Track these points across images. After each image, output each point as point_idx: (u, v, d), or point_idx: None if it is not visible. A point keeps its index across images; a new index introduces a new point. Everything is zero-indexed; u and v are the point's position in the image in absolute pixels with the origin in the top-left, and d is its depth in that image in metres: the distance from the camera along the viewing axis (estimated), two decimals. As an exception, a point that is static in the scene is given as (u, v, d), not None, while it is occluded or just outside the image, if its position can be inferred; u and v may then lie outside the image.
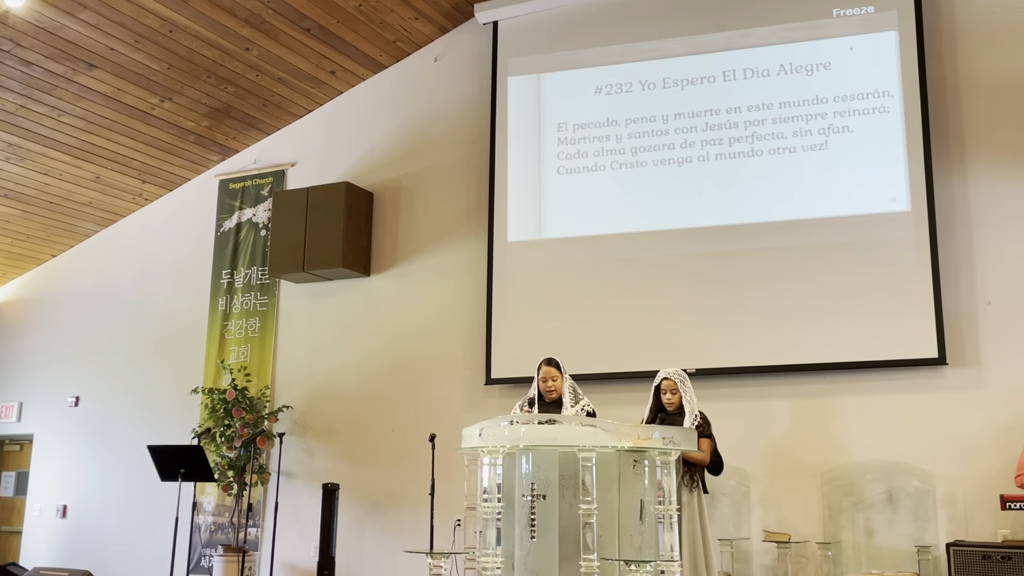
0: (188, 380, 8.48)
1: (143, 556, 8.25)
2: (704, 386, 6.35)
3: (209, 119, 8.31)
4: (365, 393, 7.92)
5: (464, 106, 8.02)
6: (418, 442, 7.30)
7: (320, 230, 7.90)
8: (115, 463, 8.75)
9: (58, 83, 7.39)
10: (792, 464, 6.43)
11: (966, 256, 6.32)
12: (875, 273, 6.40)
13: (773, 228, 6.74)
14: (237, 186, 8.82)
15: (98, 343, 9.17)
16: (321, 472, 7.83)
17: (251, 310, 8.52)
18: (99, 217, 9.24)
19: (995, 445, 5.98)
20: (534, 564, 4.98)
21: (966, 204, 6.38)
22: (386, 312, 7.99)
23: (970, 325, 6.22)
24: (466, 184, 7.90)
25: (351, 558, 7.58)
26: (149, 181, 8.93)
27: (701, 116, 7.10)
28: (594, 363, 6.91)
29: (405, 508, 7.49)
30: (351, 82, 8.44)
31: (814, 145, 6.75)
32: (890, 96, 6.59)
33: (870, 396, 6.35)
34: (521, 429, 5.03)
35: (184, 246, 8.98)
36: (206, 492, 8.24)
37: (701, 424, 5.55)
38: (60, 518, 8.92)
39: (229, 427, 7.87)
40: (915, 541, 6.00)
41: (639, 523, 5.03)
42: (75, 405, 9.13)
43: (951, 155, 6.47)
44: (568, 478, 4.99)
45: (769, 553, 6.26)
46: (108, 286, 9.28)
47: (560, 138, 7.48)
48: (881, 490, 6.22)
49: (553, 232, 7.37)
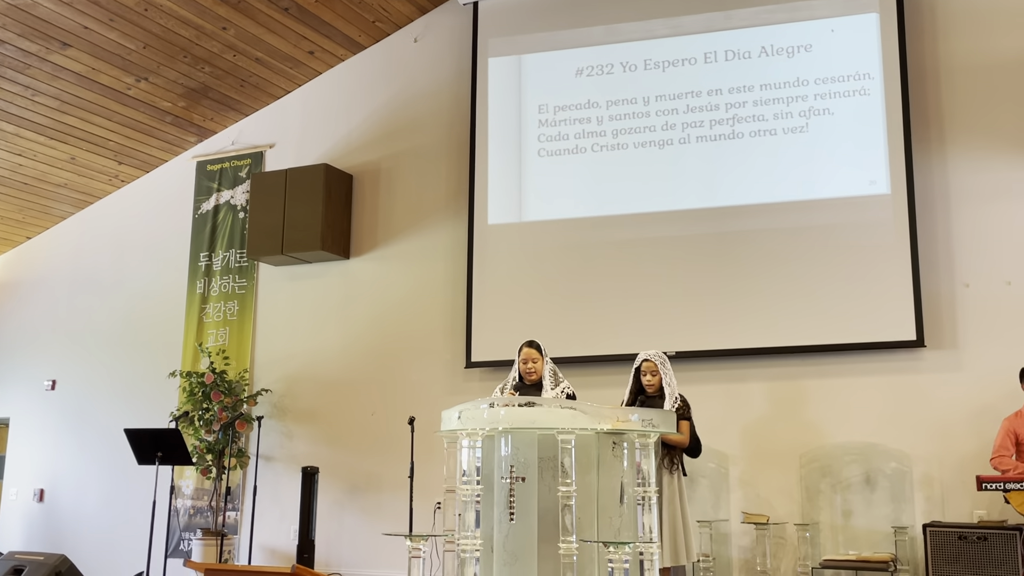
0: (166, 363, 8.42)
1: (121, 540, 8.21)
2: (684, 368, 6.36)
3: (186, 99, 8.22)
4: (345, 376, 7.88)
5: (444, 87, 7.97)
6: (398, 425, 7.29)
7: (299, 212, 7.84)
8: (92, 447, 8.69)
9: (31, 62, 7.28)
10: (771, 446, 6.46)
11: (944, 239, 6.34)
12: (854, 256, 6.42)
13: (753, 211, 6.74)
14: (215, 168, 8.73)
15: (75, 326, 9.09)
16: (300, 455, 7.80)
17: (229, 293, 8.46)
18: (75, 199, 9.14)
19: (972, 427, 6.03)
20: (513, 546, 4.98)
21: (945, 187, 6.40)
22: (366, 295, 7.95)
23: (948, 307, 6.25)
24: (446, 166, 7.85)
25: (331, 541, 7.56)
26: (125, 162, 8.83)
27: (682, 98, 7.08)
28: (574, 346, 6.90)
29: (385, 491, 7.47)
30: (330, 63, 8.37)
31: (795, 128, 6.75)
32: (871, 79, 6.59)
33: (848, 378, 6.38)
34: (500, 412, 5.02)
35: (161, 228, 8.89)
36: (184, 476, 8.19)
37: (681, 406, 5.56)
38: (37, 502, 8.85)
39: (208, 410, 7.82)
40: (892, 522, 6.04)
41: (618, 505, 5.04)
42: (51, 388, 9.05)
43: (931, 138, 6.48)
44: (547, 460, 4.98)
45: (747, 534, 6.29)
46: (85, 268, 9.19)
47: (541, 120, 7.44)
48: (859, 471, 6.25)
49: (533, 215, 7.35)
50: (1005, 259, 6.18)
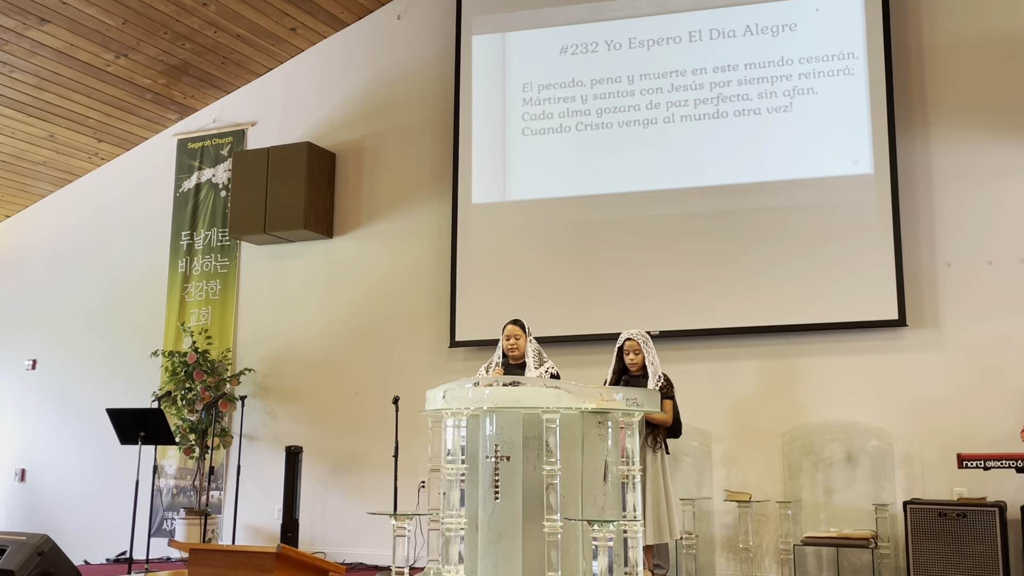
0: (148, 343, 8.37)
1: (103, 520, 8.18)
2: (668, 348, 6.38)
3: (166, 77, 8.13)
4: (328, 356, 7.87)
5: (428, 65, 7.91)
6: (381, 405, 7.28)
7: (281, 191, 7.79)
8: (74, 426, 8.64)
9: (8, 38, 7.18)
10: (753, 425, 6.50)
11: (927, 219, 6.37)
12: (837, 235, 6.44)
13: (737, 190, 6.74)
14: (196, 146, 8.66)
15: (55, 305, 9.01)
16: (284, 435, 7.79)
17: (212, 272, 8.41)
18: (54, 177, 9.04)
19: (952, 405, 6.08)
20: (498, 525, 5.00)
21: (928, 167, 6.42)
22: (349, 274, 7.92)
23: (930, 287, 6.29)
24: (430, 145, 7.81)
25: (315, 520, 7.57)
26: (105, 140, 8.73)
27: (667, 77, 7.06)
28: (558, 325, 6.90)
29: (369, 470, 7.48)
30: (312, 40, 8.29)
31: (779, 107, 6.75)
32: (855, 58, 6.59)
33: (831, 357, 6.41)
34: (485, 391, 5.03)
35: (142, 207, 8.82)
36: (167, 455, 8.17)
37: (664, 385, 5.58)
38: (18, 482, 8.81)
39: (190, 390, 7.80)
40: (873, 499, 6.10)
41: (602, 484, 5.06)
42: (32, 368, 8.98)
43: (914, 117, 6.49)
44: (532, 440, 5.00)
45: (730, 512, 6.34)
46: (65, 247, 9.10)
47: (525, 98, 7.41)
48: (840, 450, 6.30)
49: (518, 194, 7.33)
50: (987, 239, 6.22)
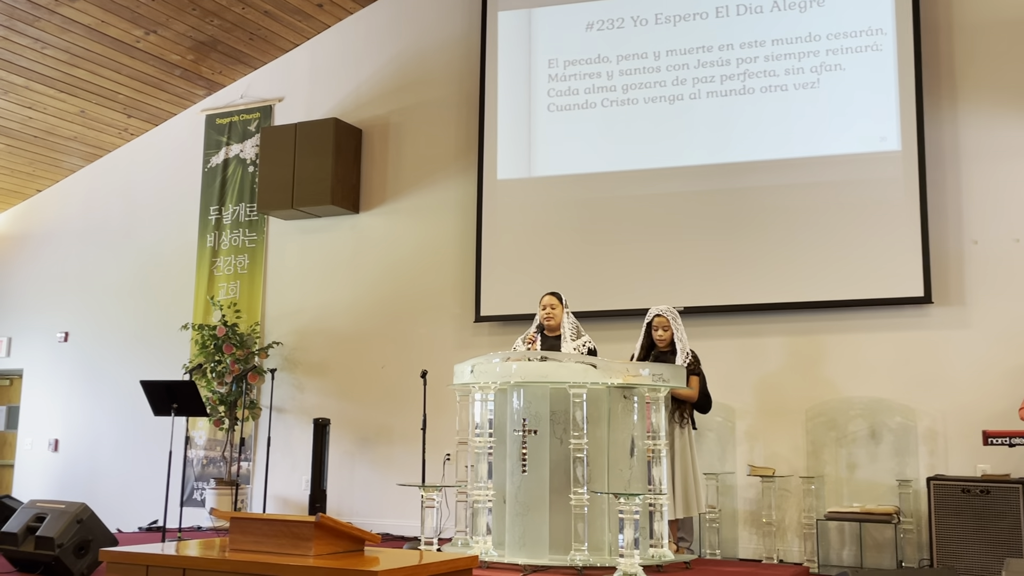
0: (177, 316, 8.50)
1: (134, 489, 8.35)
2: (694, 324, 6.42)
3: (195, 53, 8.19)
4: (355, 330, 7.96)
5: (454, 41, 7.93)
6: (407, 378, 7.37)
7: (308, 167, 7.85)
8: (106, 398, 8.80)
9: (40, 14, 7.26)
10: (777, 400, 6.53)
11: (954, 195, 6.35)
12: (864, 212, 6.44)
13: (763, 167, 6.75)
14: (224, 121, 8.73)
15: (86, 278, 9.15)
16: (312, 407, 7.91)
17: (240, 247, 8.50)
18: (85, 152, 9.15)
19: (977, 382, 6.09)
20: (525, 497, 5.09)
21: (955, 143, 6.40)
22: (375, 249, 8.00)
23: (956, 264, 6.29)
24: (455, 121, 7.85)
25: (342, 491, 7.69)
26: (134, 116, 8.82)
27: (693, 53, 7.05)
28: (584, 301, 6.95)
29: (395, 443, 7.58)
30: (339, 15, 8.32)
31: (806, 83, 6.73)
32: (883, 34, 6.56)
33: (856, 334, 6.43)
34: (512, 366, 5.10)
35: (171, 182, 8.92)
36: (197, 427, 8.31)
37: (692, 362, 5.62)
38: (52, 452, 8.99)
39: (220, 363, 7.92)
40: (896, 475, 6.13)
41: (629, 458, 5.13)
42: (64, 340, 9.14)
43: (942, 94, 6.46)
44: (559, 414, 5.07)
45: (753, 487, 6.40)
46: (95, 221, 9.23)
47: (551, 75, 7.42)
48: (864, 426, 6.34)
49: (543, 170, 7.36)
50: (1014, 216, 6.20)
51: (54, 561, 5.01)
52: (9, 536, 5.15)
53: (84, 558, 5.09)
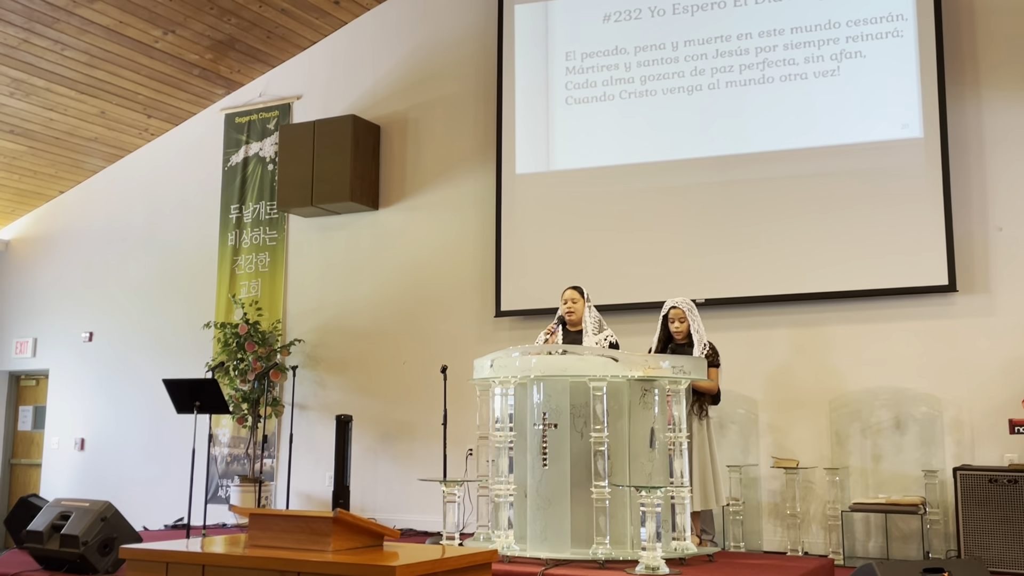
0: (200, 315, 8.54)
1: (161, 487, 8.41)
2: (713, 316, 6.38)
3: (213, 52, 8.22)
4: (376, 326, 7.97)
5: (471, 35, 7.92)
6: (428, 374, 7.37)
7: (327, 164, 7.87)
8: (130, 396, 8.87)
9: (59, 16, 7.31)
10: (800, 392, 6.48)
11: (978, 182, 6.27)
12: (886, 200, 6.37)
13: (783, 156, 6.69)
14: (243, 120, 8.76)
15: (109, 278, 9.23)
16: (334, 404, 7.93)
17: (260, 245, 8.54)
18: (106, 152, 9.21)
19: (1003, 371, 6.01)
20: (546, 491, 5.07)
21: (979, 129, 6.31)
22: (395, 245, 8.00)
23: (981, 252, 6.20)
24: (473, 115, 7.84)
25: (365, 487, 7.71)
26: (155, 116, 8.87)
27: (711, 43, 6.99)
28: (603, 294, 6.91)
29: (417, 438, 7.59)
30: (355, 12, 8.33)
31: (826, 71, 6.66)
32: (904, 20, 6.48)
33: (880, 323, 6.36)
34: (532, 360, 5.09)
35: (192, 181, 8.97)
36: (221, 424, 8.36)
37: (710, 353, 5.59)
38: (78, 451, 9.07)
39: (242, 360, 7.95)
40: (922, 466, 6.06)
41: (649, 450, 5.10)
42: (89, 340, 9.22)
43: (965, 80, 6.38)
44: (579, 407, 5.05)
45: (777, 479, 6.35)
46: (117, 222, 9.30)
47: (568, 67, 7.39)
48: (889, 416, 6.27)
49: (562, 164, 7.33)
50: (1040, 202, 6.11)
51: (79, 559, 5.04)
52: (34, 534, 5.20)
53: (108, 556, 5.12)
